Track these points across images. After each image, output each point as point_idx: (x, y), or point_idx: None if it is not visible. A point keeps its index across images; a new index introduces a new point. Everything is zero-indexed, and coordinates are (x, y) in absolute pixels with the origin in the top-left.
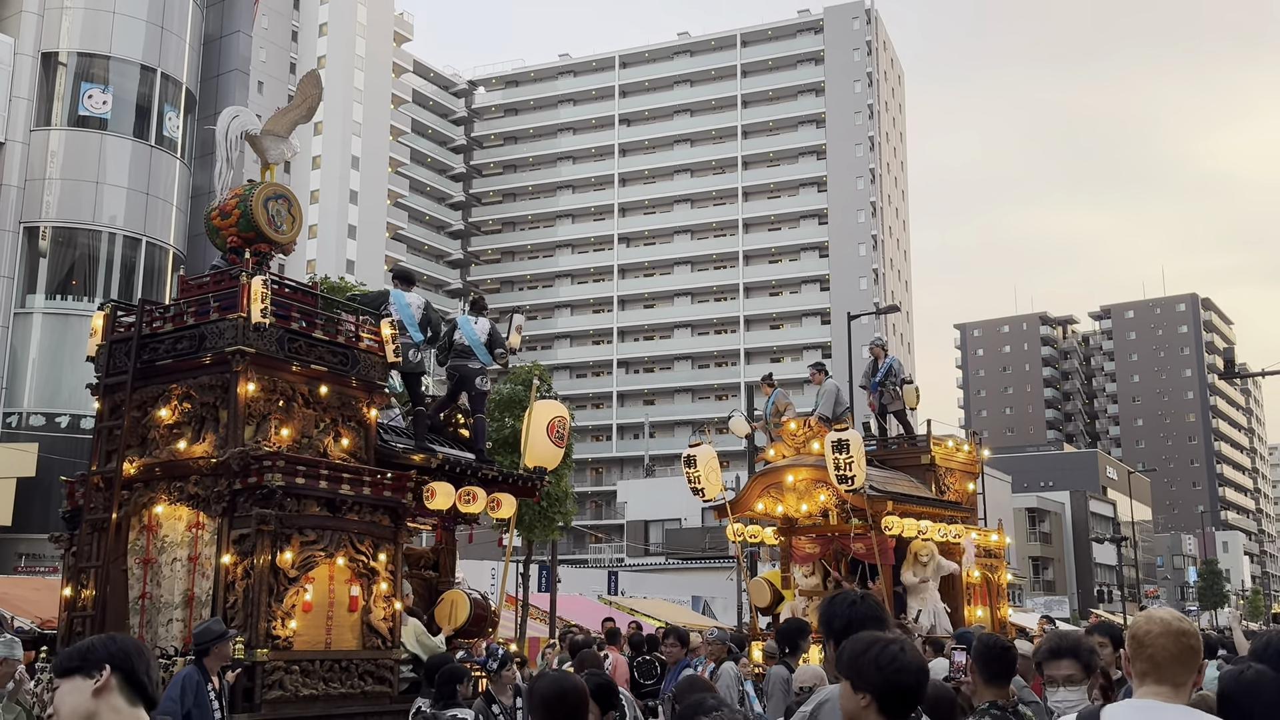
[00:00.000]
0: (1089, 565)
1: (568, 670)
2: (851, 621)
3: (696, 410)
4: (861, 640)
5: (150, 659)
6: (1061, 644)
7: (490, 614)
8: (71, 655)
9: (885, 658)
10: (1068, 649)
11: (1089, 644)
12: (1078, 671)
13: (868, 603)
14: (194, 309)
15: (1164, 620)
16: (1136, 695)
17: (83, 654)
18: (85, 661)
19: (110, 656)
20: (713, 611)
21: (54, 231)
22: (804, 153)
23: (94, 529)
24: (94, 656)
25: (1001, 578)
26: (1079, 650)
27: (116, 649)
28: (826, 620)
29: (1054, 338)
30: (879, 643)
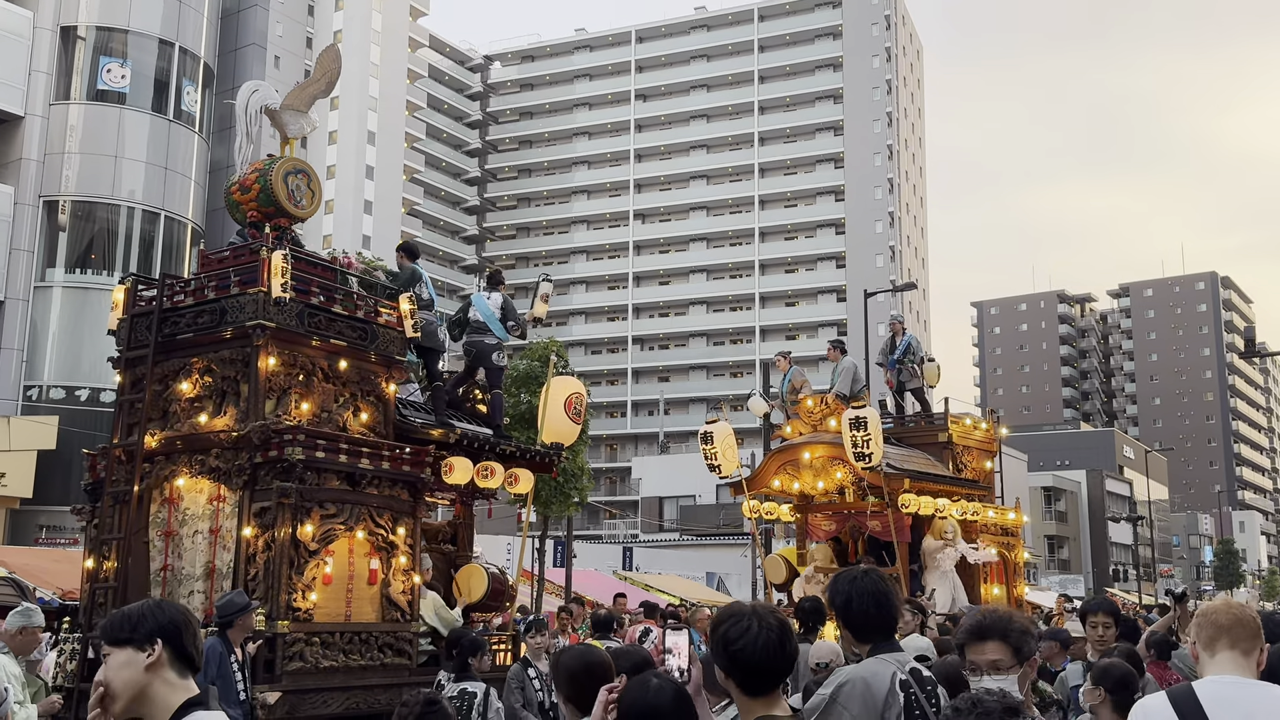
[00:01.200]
0: (1105, 544)
1: (592, 644)
2: (851, 597)
3: (711, 387)
4: (720, 615)
5: (196, 627)
6: (986, 623)
7: (507, 588)
8: (121, 625)
9: (732, 634)
10: (994, 629)
11: (1020, 624)
12: (1006, 656)
13: (870, 578)
14: (214, 283)
15: (1224, 599)
16: (1211, 670)
17: (133, 624)
18: (135, 633)
19: (160, 629)
20: (727, 588)
21: (73, 205)
22: (821, 128)
23: (116, 501)
24: (144, 628)
25: (1018, 556)
26: (1008, 631)
27: (166, 620)
28: (830, 596)
29: (1072, 316)
30: (730, 619)
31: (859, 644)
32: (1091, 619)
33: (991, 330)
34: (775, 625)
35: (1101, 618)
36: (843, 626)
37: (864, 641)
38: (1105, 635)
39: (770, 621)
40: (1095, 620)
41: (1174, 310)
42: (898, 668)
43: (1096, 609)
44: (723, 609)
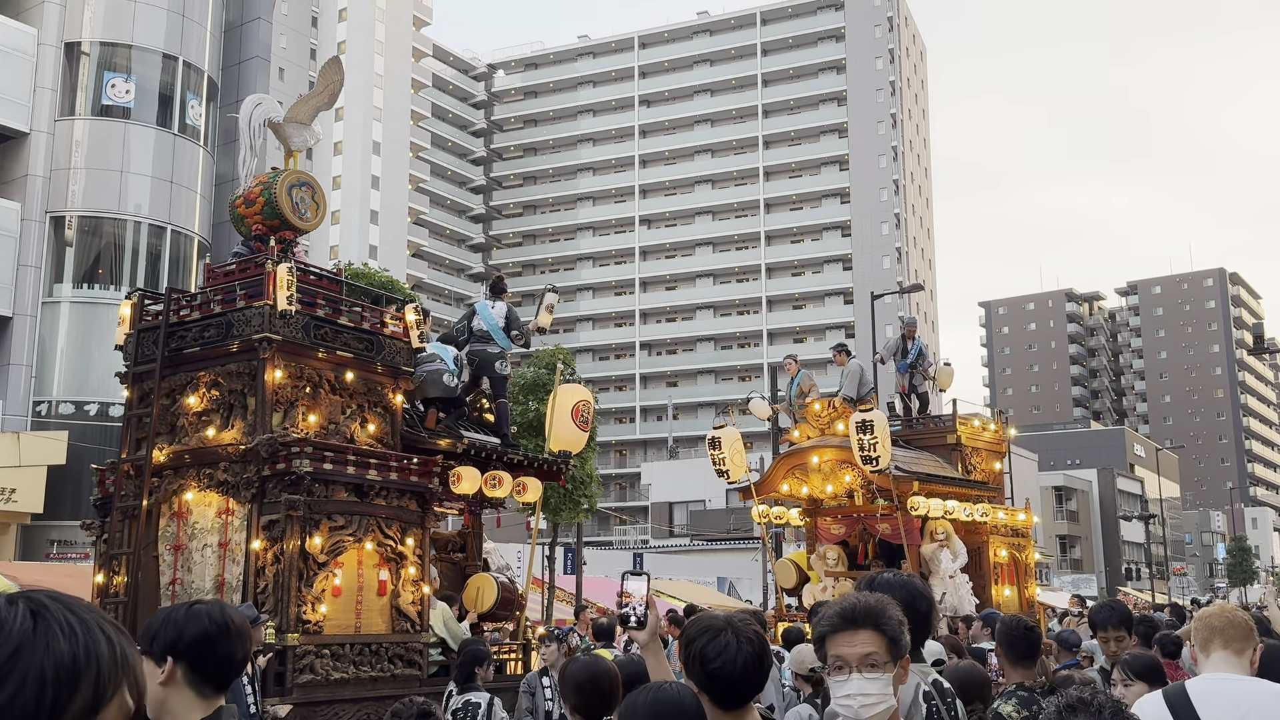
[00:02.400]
0: (1116, 543)
1: (600, 654)
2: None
3: (719, 392)
4: (694, 627)
5: (232, 639)
6: (860, 607)
7: (517, 597)
8: (143, 634)
9: (710, 651)
10: (868, 616)
11: (897, 613)
12: (880, 650)
13: (911, 585)
14: (221, 297)
15: (1219, 604)
16: (1206, 669)
17: (150, 637)
18: (151, 646)
19: (171, 645)
20: (738, 592)
21: (80, 220)
22: (825, 131)
23: (125, 516)
24: (158, 644)
25: (1029, 557)
26: (882, 619)
27: (181, 635)
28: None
29: (1080, 314)
30: (706, 634)
31: None
32: (1102, 635)
33: (999, 330)
34: (755, 639)
35: (1113, 633)
36: None
37: None
38: (1120, 650)
39: (748, 634)
40: (1107, 635)
41: (1183, 307)
42: (921, 678)
43: (1106, 623)
44: (694, 621)
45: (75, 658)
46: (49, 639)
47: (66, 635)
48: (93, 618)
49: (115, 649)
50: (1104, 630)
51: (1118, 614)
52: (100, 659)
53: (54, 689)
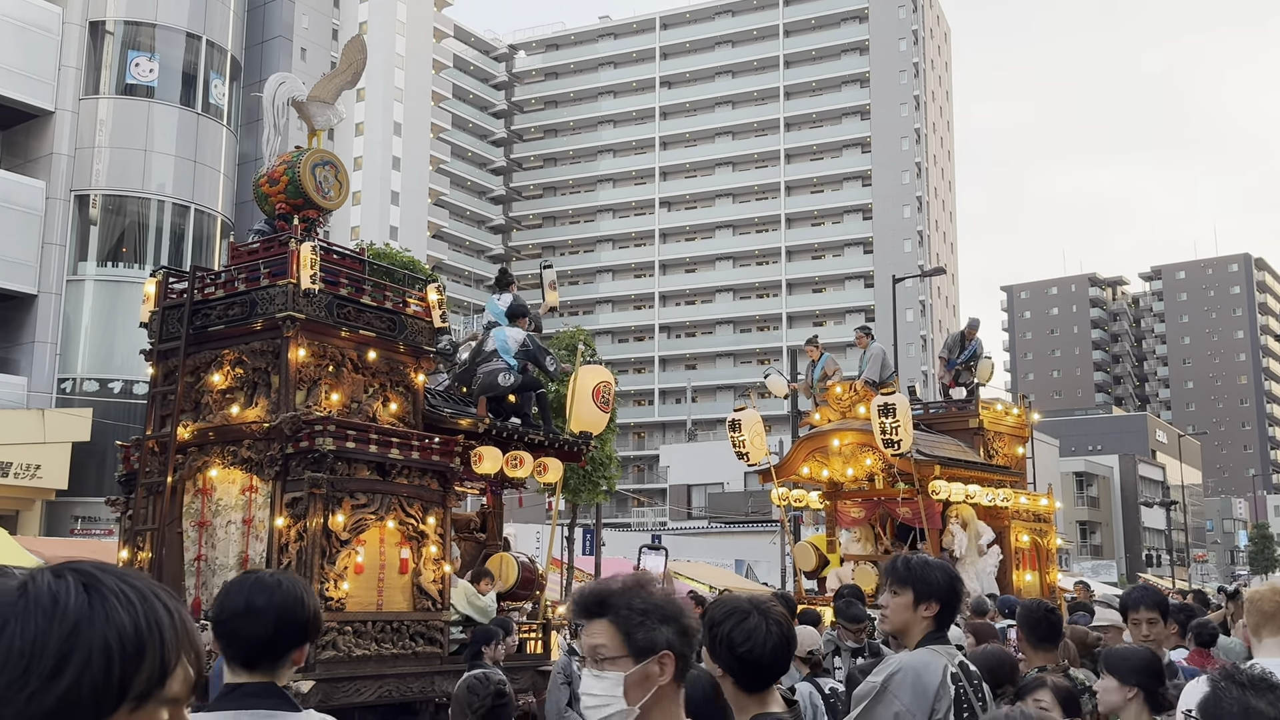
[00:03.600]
0: (1137, 530)
1: None
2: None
3: (738, 374)
4: (719, 610)
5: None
6: (590, 596)
7: (538, 577)
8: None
9: (738, 635)
10: (597, 603)
11: (643, 604)
12: (611, 643)
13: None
14: (245, 275)
15: (1271, 585)
16: (1259, 654)
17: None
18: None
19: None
20: (756, 575)
21: (104, 199)
22: (847, 113)
23: (149, 493)
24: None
25: (1050, 542)
26: (613, 607)
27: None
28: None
29: (1103, 299)
30: (733, 616)
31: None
32: (1134, 615)
33: (1022, 315)
34: (782, 621)
35: (1145, 613)
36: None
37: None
38: (1152, 634)
39: (775, 617)
40: (1138, 617)
41: (1206, 293)
42: (948, 660)
43: (1139, 602)
44: (719, 604)
45: (138, 628)
46: (108, 611)
47: (125, 606)
48: (148, 586)
49: (175, 617)
50: (1135, 611)
51: (1152, 595)
52: (162, 628)
53: (120, 663)
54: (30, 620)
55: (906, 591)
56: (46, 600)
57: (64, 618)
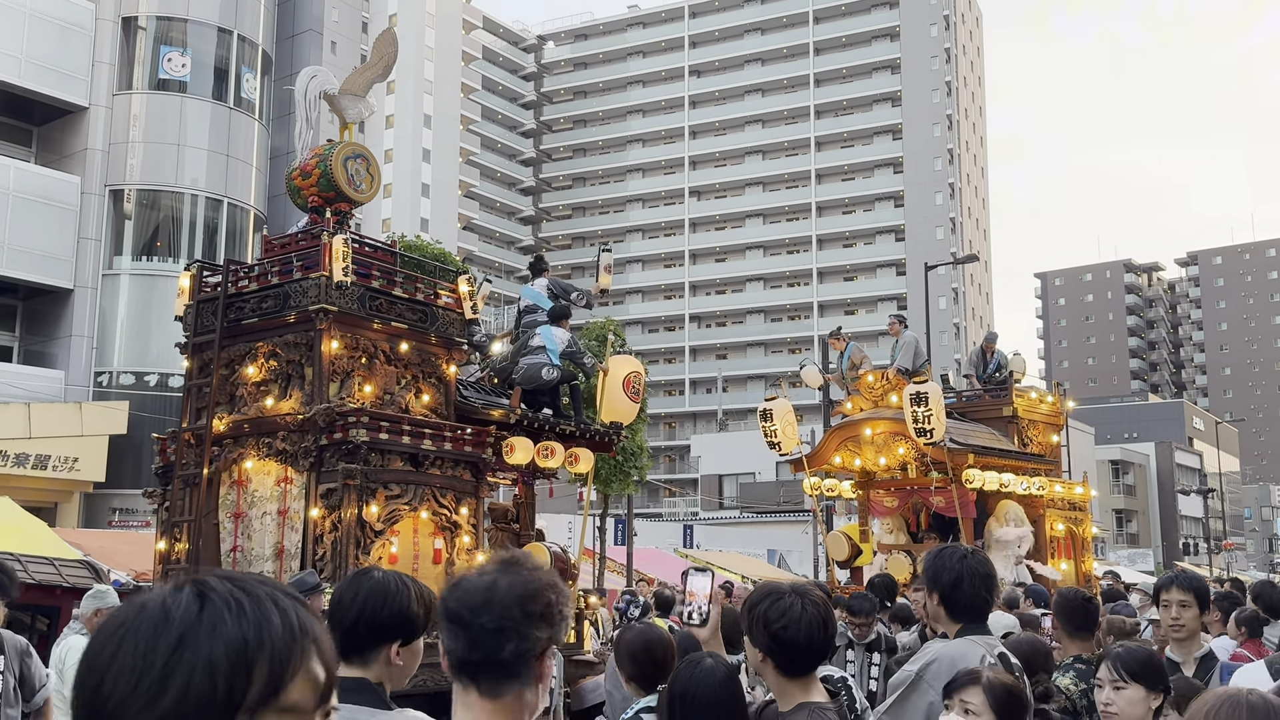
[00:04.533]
0: (1174, 518)
1: (655, 623)
2: (961, 575)
3: (769, 364)
4: (758, 592)
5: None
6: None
7: (570, 567)
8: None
9: (774, 613)
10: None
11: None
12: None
13: (979, 558)
14: (278, 268)
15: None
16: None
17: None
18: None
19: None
20: (788, 565)
21: (138, 194)
22: (878, 100)
23: (186, 484)
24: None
25: (1086, 531)
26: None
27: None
28: (934, 573)
29: (1139, 285)
30: (770, 597)
31: (951, 622)
32: (1165, 596)
33: (1056, 301)
34: (819, 603)
35: (1176, 594)
36: (941, 602)
37: (957, 620)
38: (1183, 618)
39: (813, 599)
40: (1169, 598)
41: (1244, 278)
42: (986, 650)
43: (1170, 583)
44: (758, 588)
45: (245, 639)
46: (215, 622)
47: (234, 615)
48: (265, 591)
49: (291, 620)
50: (1166, 591)
51: (1185, 577)
52: (274, 636)
53: (226, 676)
54: (140, 635)
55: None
56: (158, 615)
57: (168, 631)
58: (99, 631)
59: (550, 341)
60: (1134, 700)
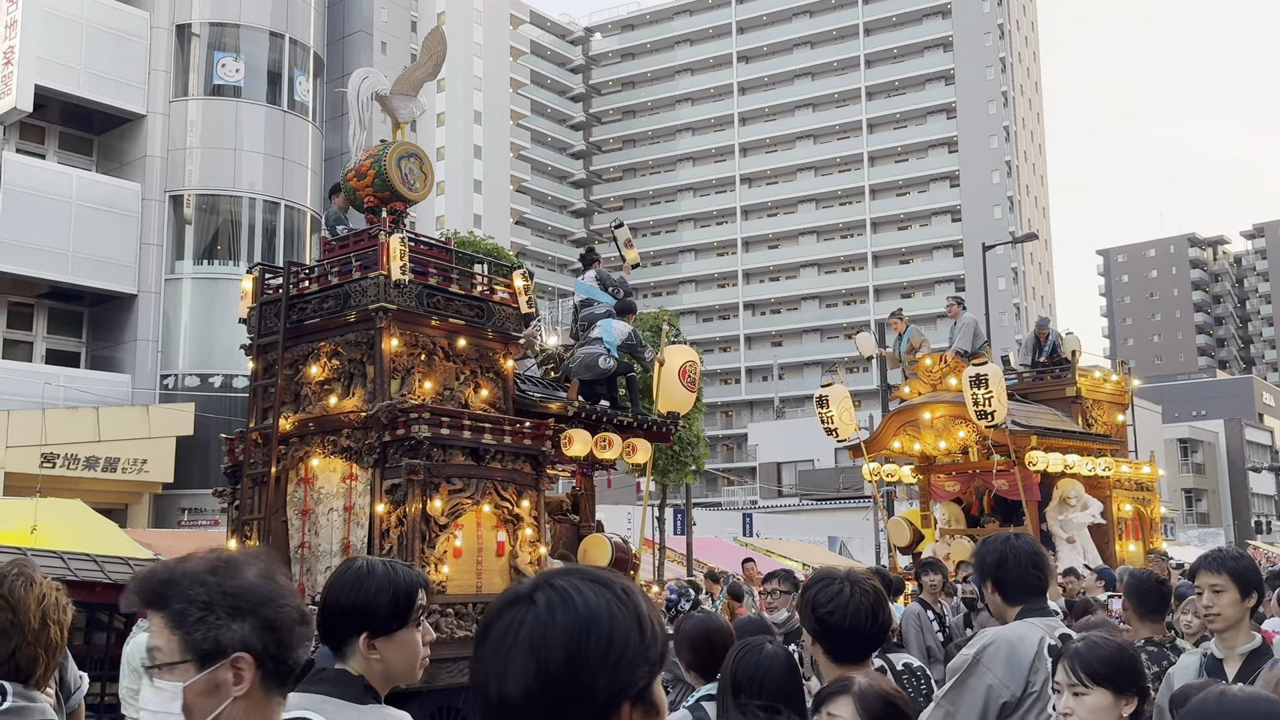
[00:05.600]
0: (1245, 496)
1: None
2: (1006, 557)
3: (825, 350)
4: (812, 578)
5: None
6: (146, 584)
7: (631, 557)
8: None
9: (822, 598)
10: (151, 595)
11: (203, 591)
12: (167, 645)
13: (1025, 540)
14: (337, 269)
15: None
16: None
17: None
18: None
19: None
20: (849, 552)
21: (197, 199)
22: (931, 79)
23: (255, 483)
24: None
25: (1154, 511)
26: (167, 600)
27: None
28: (980, 560)
29: (1204, 260)
30: (820, 582)
31: (1009, 606)
32: (1197, 582)
33: (1119, 278)
34: (869, 591)
35: (1207, 577)
36: (994, 587)
37: (1014, 604)
38: (1217, 605)
39: (864, 586)
40: (1199, 583)
41: None
42: (1046, 632)
43: (1200, 565)
44: (814, 573)
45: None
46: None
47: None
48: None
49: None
50: (1202, 573)
51: (1221, 556)
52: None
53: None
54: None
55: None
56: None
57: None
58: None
59: (609, 334)
60: (1098, 708)
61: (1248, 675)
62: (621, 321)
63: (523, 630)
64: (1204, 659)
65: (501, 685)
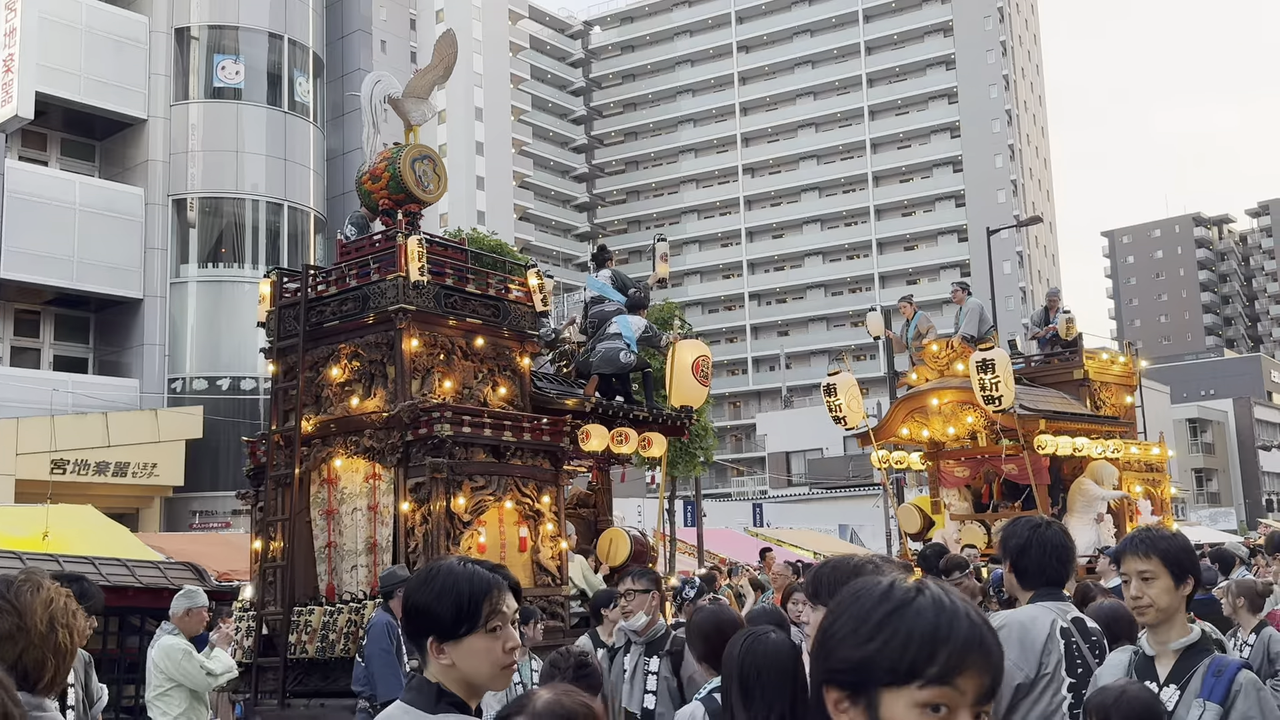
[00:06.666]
0: (1256, 474)
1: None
2: (1029, 543)
3: (832, 339)
4: (839, 568)
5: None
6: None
7: (649, 550)
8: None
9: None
10: None
11: None
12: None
13: (1055, 530)
14: (355, 271)
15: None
16: None
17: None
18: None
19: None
20: (860, 539)
21: (200, 202)
22: (932, 64)
23: (278, 485)
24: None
25: (1164, 492)
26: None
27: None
28: (1004, 541)
29: (1209, 239)
30: (845, 567)
31: (1023, 590)
32: (1124, 566)
33: (1125, 260)
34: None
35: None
36: (1011, 570)
37: (1029, 588)
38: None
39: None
40: (1126, 569)
41: None
42: (1059, 615)
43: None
44: (830, 561)
45: (937, 627)
46: (921, 608)
47: (934, 607)
48: (963, 605)
49: (976, 630)
50: (1128, 558)
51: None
52: (956, 636)
53: (916, 651)
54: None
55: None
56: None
57: (887, 602)
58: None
59: (626, 329)
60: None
61: (1183, 674)
62: (636, 317)
63: None
64: (1133, 657)
65: None
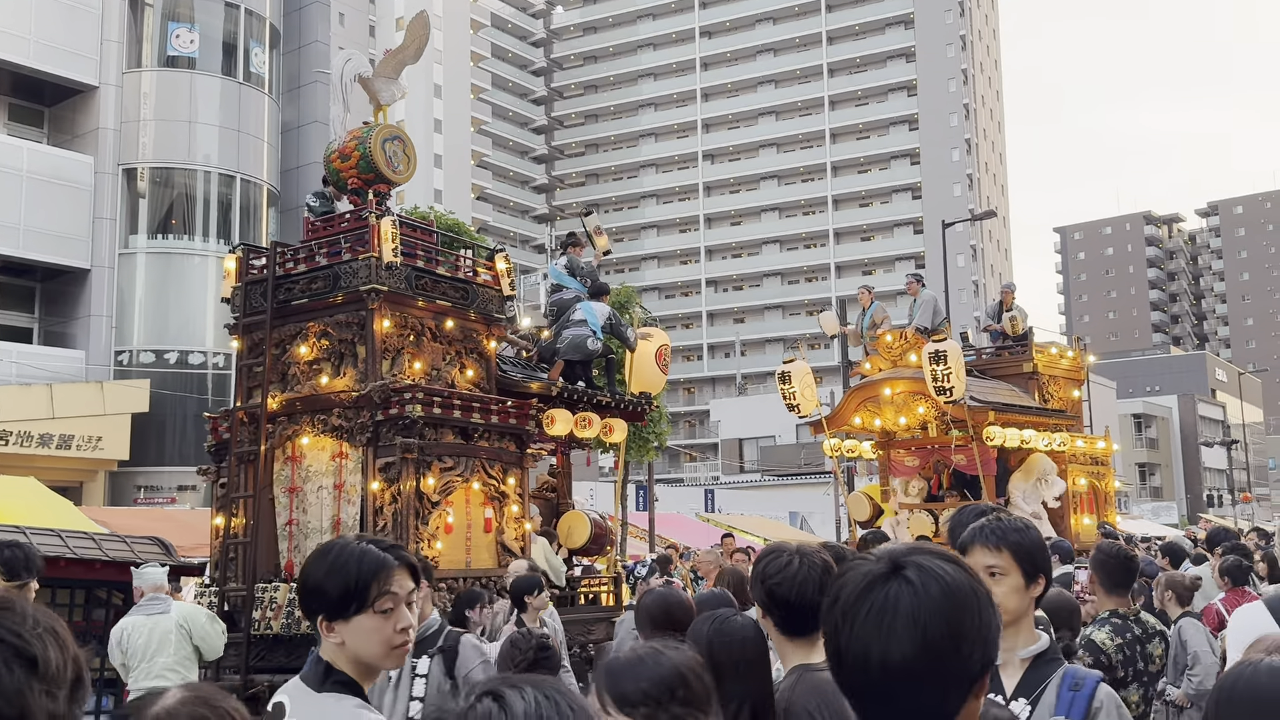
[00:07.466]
0: (1198, 470)
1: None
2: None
3: (787, 327)
4: (762, 552)
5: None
6: None
7: (608, 533)
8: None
9: (771, 569)
10: None
11: None
12: None
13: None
14: (325, 249)
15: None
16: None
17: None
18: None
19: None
20: (810, 527)
21: (151, 172)
22: (892, 56)
23: (241, 461)
24: None
25: (1109, 485)
26: None
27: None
28: (952, 530)
29: (1159, 237)
30: (771, 555)
31: None
32: (970, 560)
33: (1076, 256)
34: (818, 564)
35: (986, 557)
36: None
37: None
38: (996, 594)
39: (813, 560)
40: (975, 562)
41: (1265, 227)
42: None
43: (975, 541)
44: (765, 547)
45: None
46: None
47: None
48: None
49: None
50: (976, 549)
51: (997, 529)
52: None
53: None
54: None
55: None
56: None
57: None
58: None
59: (591, 316)
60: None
61: (1033, 686)
62: (600, 304)
63: (901, 604)
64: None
65: (885, 654)
